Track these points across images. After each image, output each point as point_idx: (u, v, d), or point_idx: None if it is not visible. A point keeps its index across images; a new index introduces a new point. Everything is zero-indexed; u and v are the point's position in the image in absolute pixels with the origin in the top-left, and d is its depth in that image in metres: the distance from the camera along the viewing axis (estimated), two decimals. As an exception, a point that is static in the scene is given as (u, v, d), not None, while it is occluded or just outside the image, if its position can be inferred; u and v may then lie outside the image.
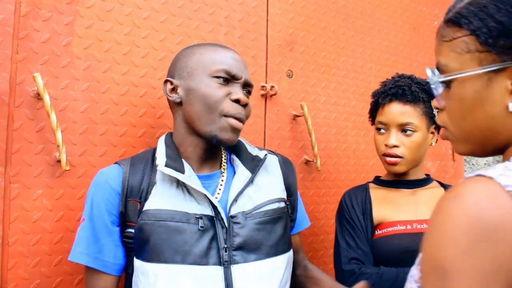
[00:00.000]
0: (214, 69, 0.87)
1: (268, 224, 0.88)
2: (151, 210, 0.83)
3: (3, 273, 0.93)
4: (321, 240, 1.43)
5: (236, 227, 0.85)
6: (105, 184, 0.86)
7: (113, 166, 0.90)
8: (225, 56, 0.90)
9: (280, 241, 0.89)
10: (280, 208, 0.92)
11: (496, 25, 0.52)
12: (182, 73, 0.90)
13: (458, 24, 0.56)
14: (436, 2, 1.81)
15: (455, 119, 0.59)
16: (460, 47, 0.56)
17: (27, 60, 0.97)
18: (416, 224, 1.05)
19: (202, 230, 0.82)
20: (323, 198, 1.44)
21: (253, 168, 0.92)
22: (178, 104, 0.90)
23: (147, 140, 1.12)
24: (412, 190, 1.13)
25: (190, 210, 0.83)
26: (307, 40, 1.42)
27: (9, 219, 0.94)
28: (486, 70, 0.53)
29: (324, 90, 1.45)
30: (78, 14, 1.03)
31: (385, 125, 1.09)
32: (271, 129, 1.32)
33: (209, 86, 0.86)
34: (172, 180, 0.85)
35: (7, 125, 0.94)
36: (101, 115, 1.05)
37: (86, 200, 0.88)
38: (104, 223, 0.85)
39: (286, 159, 1.04)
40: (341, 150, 1.49)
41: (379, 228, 1.08)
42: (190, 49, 0.93)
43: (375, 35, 1.60)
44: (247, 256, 0.84)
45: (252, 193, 0.90)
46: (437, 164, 1.76)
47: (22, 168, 0.96)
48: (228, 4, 1.26)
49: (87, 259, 0.84)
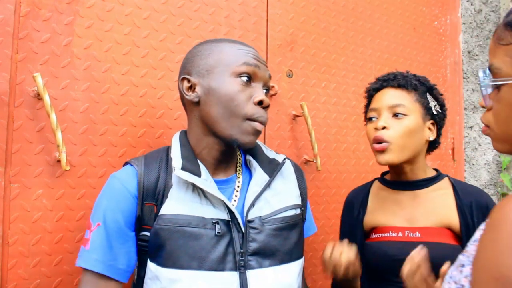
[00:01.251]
0: (237, 67, 0.83)
1: (284, 230, 0.87)
2: (167, 215, 0.81)
3: (3, 273, 0.93)
4: (321, 240, 1.43)
5: (253, 232, 0.83)
6: (122, 189, 0.83)
7: (127, 168, 0.86)
8: (246, 52, 0.85)
9: (295, 248, 0.88)
10: (296, 214, 0.91)
11: None
12: (201, 71, 0.85)
13: None
14: (436, 2, 1.81)
15: (501, 122, 0.60)
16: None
17: (27, 60, 0.97)
18: (408, 232, 1.00)
19: (219, 236, 0.81)
20: (323, 198, 1.44)
21: (271, 172, 0.90)
22: (195, 103, 0.86)
23: (147, 140, 1.12)
24: (413, 192, 1.05)
25: (206, 215, 0.81)
26: (307, 40, 1.42)
27: (9, 219, 0.94)
28: None
29: (324, 90, 1.45)
30: (78, 14, 1.03)
31: (376, 111, 1.03)
32: (271, 129, 1.32)
33: (231, 86, 0.82)
34: (189, 183, 0.83)
35: (7, 125, 0.94)
36: (101, 115, 1.05)
37: (99, 204, 0.83)
38: (120, 230, 0.82)
39: (297, 165, 1.03)
40: (341, 150, 1.49)
41: (374, 232, 1.07)
42: (207, 45, 0.88)
43: (375, 35, 1.60)
44: (262, 261, 0.83)
45: (270, 197, 0.88)
46: (437, 164, 1.76)
47: (22, 168, 0.96)
48: (228, 4, 1.26)
49: (103, 267, 0.80)
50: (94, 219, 0.82)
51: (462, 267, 0.56)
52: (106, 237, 0.81)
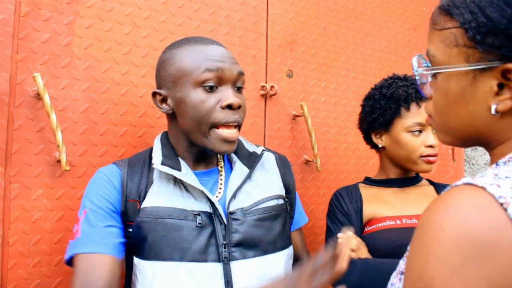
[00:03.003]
0: (197, 75, 0.81)
1: (267, 221, 0.88)
2: (148, 207, 0.82)
3: (3, 273, 0.93)
4: (321, 240, 1.43)
5: (235, 224, 0.85)
6: (106, 179, 0.86)
7: (112, 166, 0.89)
8: (207, 55, 0.83)
9: (279, 238, 0.89)
10: (279, 205, 0.92)
11: (485, 21, 0.48)
12: (168, 83, 0.85)
13: (450, 14, 0.53)
14: (436, 2, 1.80)
15: (439, 112, 0.57)
16: (449, 39, 0.53)
17: (27, 60, 0.97)
18: (406, 219, 1.05)
19: (200, 227, 0.82)
20: (323, 198, 1.44)
21: (250, 164, 0.92)
22: (171, 115, 0.88)
23: (147, 140, 1.12)
24: (402, 188, 1.14)
25: (187, 207, 0.83)
26: (307, 40, 1.42)
27: (9, 219, 0.94)
28: (472, 68, 0.50)
29: (324, 90, 1.45)
30: (78, 14, 1.03)
31: (422, 126, 1.07)
32: (271, 129, 1.32)
33: (196, 97, 0.81)
34: (169, 178, 0.85)
35: (7, 125, 0.94)
36: (101, 115, 1.05)
37: (85, 196, 0.85)
38: (107, 213, 0.83)
39: (282, 156, 1.04)
40: (341, 150, 1.49)
41: (369, 224, 1.09)
42: (169, 53, 0.87)
43: (375, 35, 1.60)
44: (246, 252, 0.84)
45: (251, 189, 0.90)
46: (437, 164, 1.76)
47: (22, 168, 0.96)
48: (228, 4, 1.26)
49: (92, 245, 0.79)
50: (81, 211, 0.84)
51: (401, 274, 0.53)
52: (94, 219, 0.82)
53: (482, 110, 0.51)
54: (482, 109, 0.51)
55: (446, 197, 0.45)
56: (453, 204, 0.43)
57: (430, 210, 0.45)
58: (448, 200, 0.44)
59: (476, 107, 0.51)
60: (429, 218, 0.44)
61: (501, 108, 0.49)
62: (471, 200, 0.43)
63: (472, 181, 0.45)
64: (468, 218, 0.42)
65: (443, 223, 0.42)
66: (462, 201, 0.43)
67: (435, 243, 0.42)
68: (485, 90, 0.50)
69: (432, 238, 0.43)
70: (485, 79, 0.50)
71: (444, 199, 0.45)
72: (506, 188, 0.43)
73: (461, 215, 0.42)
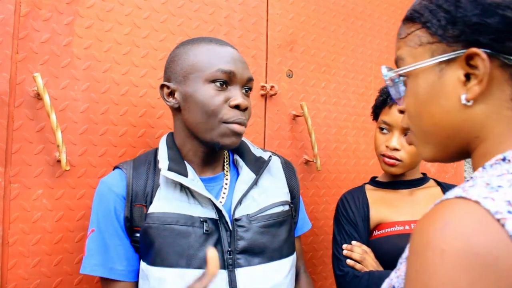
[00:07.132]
0: (210, 73, 0.83)
1: (272, 227, 0.87)
2: (155, 213, 0.82)
3: (3, 273, 0.93)
4: (321, 240, 1.43)
5: (241, 231, 0.84)
6: (109, 192, 0.85)
7: (115, 172, 0.89)
8: (221, 56, 0.84)
9: (284, 245, 0.89)
10: (284, 211, 0.91)
11: (444, 15, 0.51)
12: (178, 77, 0.86)
13: (412, 20, 0.56)
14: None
15: (413, 118, 0.56)
16: (413, 41, 0.55)
17: (27, 60, 0.97)
18: (414, 225, 1.04)
19: (207, 234, 0.81)
20: (323, 198, 1.44)
21: (257, 170, 0.91)
22: (176, 109, 0.88)
23: (147, 140, 1.12)
24: (409, 190, 1.13)
25: (194, 213, 0.82)
26: (307, 40, 1.42)
27: (9, 219, 0.94)
28: (437, 61, 0.52)
29: (324, 90, 1.45)
30: (78, 14, 1.03)
31: (388, 125, 1.08)
32: (271, 129, 1.32)
33: (206, 92, 0.82)
34: (176, 183, 0.84)
35: (7, 125, 0.94)
36: (101, 115, 1.05)
37: (92, 210, 0.86)
38: (115, 231, 0.84)
39: (288, 161, 1.03)
40: (341, 150, 1.49)
41: (377, 229, 1.08)
42: (183, 49, 0.88)
43: (375, 35, 1.60)
44: (251, 259, 0.84)
45: (257, 195, 0.89)
46: (437, 164, 1.76)
47: (22, 168, 0.96)
48: (228, 4, 1.26)
49: (103, 270, 0.82)
50: (90, 226, 0.86)
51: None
52: (101, 240, 0.83)
53: (454, 102, 0.51)
54: (453, 102, 0.51)
55: (440, 214, 0.42)
56: (450, 222, 0.40)
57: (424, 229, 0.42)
58: (444, 217, 0.41)
59: (448, 101, 0.52)
60: (426, 238, 0.41)
61: (470, 96, 0.50)
62: (468, 216, 0.40)
63: (464, 195, 0.42)
64: (470, 236, 0.39)
65: (442, 243, 0.40)
66: (459, 218, 0.41)
67: (438, 266, 0.39)
68: (453, 82, 0.51)
69: (433, 261, 0.40)
70: (451, 71, 0.51)
71: (438, 216, 0.42)
72: (500, 202, 0.41)
73: (461, 233, 0.39)
